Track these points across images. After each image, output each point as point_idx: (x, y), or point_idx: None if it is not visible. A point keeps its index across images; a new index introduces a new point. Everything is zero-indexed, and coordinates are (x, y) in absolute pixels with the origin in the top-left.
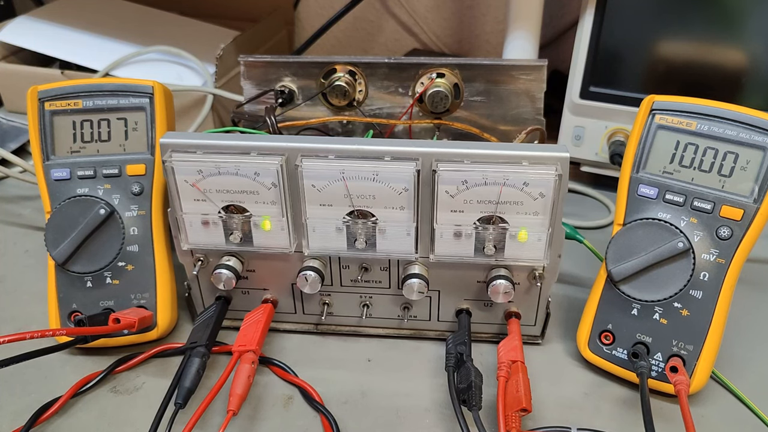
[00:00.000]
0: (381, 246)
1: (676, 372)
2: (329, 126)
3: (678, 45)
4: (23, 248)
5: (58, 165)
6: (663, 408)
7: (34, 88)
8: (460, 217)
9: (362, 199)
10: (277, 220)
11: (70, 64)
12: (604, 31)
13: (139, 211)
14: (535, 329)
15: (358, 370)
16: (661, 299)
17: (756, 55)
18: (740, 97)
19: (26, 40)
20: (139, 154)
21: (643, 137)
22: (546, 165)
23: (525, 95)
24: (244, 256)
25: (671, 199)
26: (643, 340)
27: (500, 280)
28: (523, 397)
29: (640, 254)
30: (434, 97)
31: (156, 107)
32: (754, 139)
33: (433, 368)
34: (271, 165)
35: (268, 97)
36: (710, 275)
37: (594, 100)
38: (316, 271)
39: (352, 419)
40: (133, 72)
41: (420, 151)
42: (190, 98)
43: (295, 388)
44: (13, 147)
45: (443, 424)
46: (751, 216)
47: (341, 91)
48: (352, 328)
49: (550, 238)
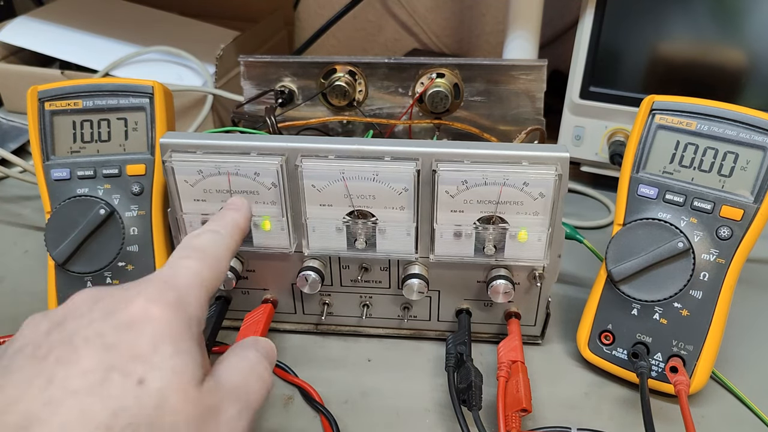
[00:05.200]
0: (381, 246)
1: (676, 372)
2: (329, 126)
3: (678, 45)
4: (23, 248)
5: (58, 165)
6: (663, 408)
7: (34, 88)
8: (460, 217)
9: (362, 199)
10: (277, 220)
11: (70, 64)
12: (604, 31)
13: (139, 211)
14: (535, 329)
15: (358, 370)
16: (661, 299)
17: (756, 55)
18: (740, 97)
19: (26, 40)
20: (139, 154)
21: (643, 137)
22: (546, 165)
23: (525, 95)
24: (244, 256)
25: (671, 199)
26: (643, 340)
27: (500, 280)
28: (523, 398)
29: (640, 254)
30: (434, 97)
31: (156, 107)
32: (754, 139)
33: (433, 368)
34: (271, 165)
35: (268, 97)
36: (710, 275)
37: (594, 100)
38: (316, 271)
39: (352, 419)
40: (133, 72)
41: (420, 151)
42: (190, 98)
43: (295, 388)
44: (13, 147)
45: (443, 424)
46: (751, 216)
47: (341, 91)
48: (352, 328)
49: (550, 238)
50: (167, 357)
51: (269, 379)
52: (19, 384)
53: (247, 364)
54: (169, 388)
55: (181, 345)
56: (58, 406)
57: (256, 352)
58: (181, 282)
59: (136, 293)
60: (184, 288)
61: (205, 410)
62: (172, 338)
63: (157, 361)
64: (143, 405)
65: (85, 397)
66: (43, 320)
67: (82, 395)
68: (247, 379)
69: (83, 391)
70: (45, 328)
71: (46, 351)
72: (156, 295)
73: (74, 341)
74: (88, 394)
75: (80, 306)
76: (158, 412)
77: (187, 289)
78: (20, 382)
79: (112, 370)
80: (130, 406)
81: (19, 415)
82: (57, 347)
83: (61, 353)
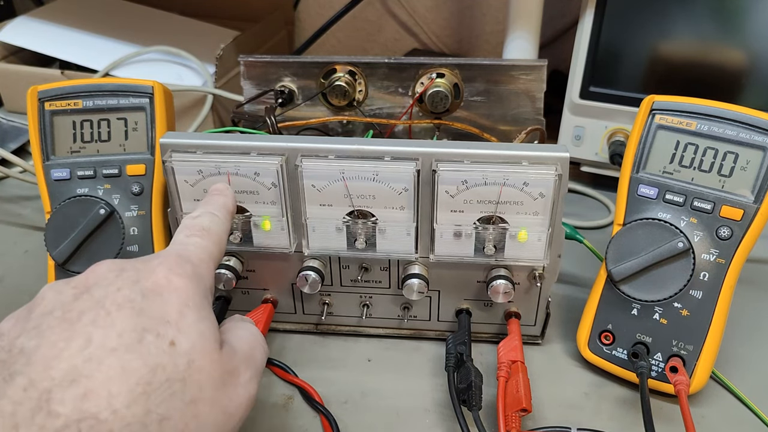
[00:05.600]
0: (381, 246)
1: (676, 372)
2: (329, 126)
3: (678, 45)
4: (23, 248)
5: (58, 165)
6: (663, 408)
7: (34, 88)
8: (460, 217)
9: (362, 199)
10: (277, 220)
11: (70, 64)
12: (604, 31)
13: (139, 211)
14: (535, 329)
15: (358, 370)
16: (661, 299)
17: (756, 55)
18: (740, 97)
19: (26, 40)
20: (139, 154)
21: (643, 137)
22: (546, 165)
23: (525, 95)
24: (244, 256)
25: (671, 199)
26: (643, 340)
27: (500, 280)
28: (523, 397)
29: (640, 254)
30: (434, 97)
31: (156, 107)
32: (754, 139)
33: (433, 368)
34: (271, 165)
35: (268, 97)
36: (710, 275)
37: (594, 100)
38: (316, 271)
39: (352, 419)
40: (133, 72)
41: (420, 151)
42: (190, 98)
43: (295, 388)
44: (13, 147)
45: (443, 424)
46: (751, 216)
47: (341, 91)
48: (352, 328)
49: (550, 238)
50: (192, 322)
51: (267, 349)
52: (56, 342)
53: (250, 333)
54: (196, 350)
55: (202, 312)
56: (99, 363)
57: (250, 323)
58: (194, 256)
59: (157, 264)
60: (197, 261)
61: (226, 372)
62: (195, 306)
63: (185, 325)
64: (177, 363)
65: (125, 354)
66: (65, 287)
67: (121, 352)
68: (253, 346)
69: (122, 349)
70: (71, 294)
71: (78, 314)
72: (176, 266)
73: (106, 305)
74: (127, 351)
75: (105, 274)
76: (189, 371)
77: (199, 262)
78: (57, 340)
79: (146, 331)
80: (166, 363)
81: (63, 370)
82: (89, 311)
83: (95, 316)
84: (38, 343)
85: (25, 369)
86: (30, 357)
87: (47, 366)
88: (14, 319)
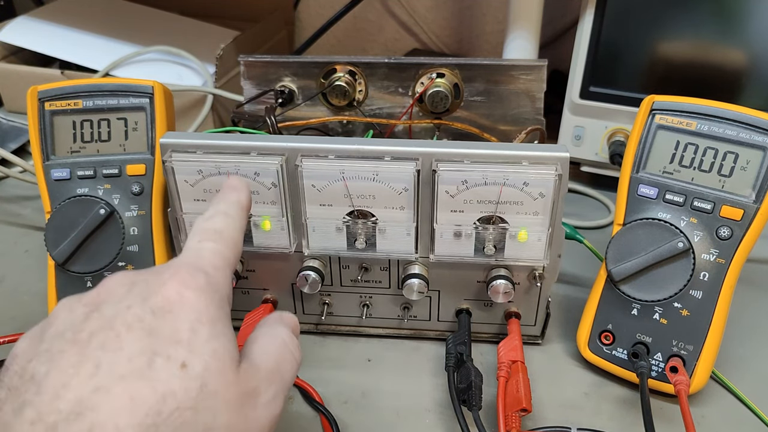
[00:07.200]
0: (381, 246)
1: (676, 372)
2: (329, 126)
3: (678, 45)
4: (23, 248)
5: (58, 165)
6: (663, 408)
7: (34, 88)
8: (460, 217)
9: (362, 199)
10: (277, 220)
11: (70, 64)
12: (604, 31)
13: (139, 211)
14: (535, 329)
15: (358, 370)
16: (661, 299)
17: (756, 55)
18: (740, 97)
19: (26, 40)
20: (139, 154)
21: (643, 137)
22: (546, 165)
23: (525, 95)
24: (244, 256)
25: (671, 199)
26: (643, 340)
27: (500, 280)
28: (523, 397)
29: (640, 254)
30: (434, 97)
31: (156, 107)
32: (754, 139)
33: (433, 368)
34: (271, 165)
35: (268, 97)
36: (710, 275)
37: (594, 100)
38: (316, 271)
39: (352, 419)
40: (133, 72)
41: (420, 151)
42: (190, 98)
43: (295, 388)
44: (13, 147)
45: (443, 424)
46: (751, 216)
47: (341, 91)
48: (352, 328)
49: (550, 238)
50: (205, 340)
51: (299, 356)
52: (65, 369)
53: (280, 344)
54: (209, 372)
55: (217, 327)
56: (107, 392)
57: (284, 328)
58: (208, 264)
59: (168, 277)
60: (211, 269)
61: (244, 394)
62: (208, 321)
63: (197, 345)
64: (188, 389)
65: (134, 382)
66: (77, 304)
67: (130, 380)
68: (280, 360)
69: (131, 376)
70: (81, 313)
71: (88, 336)
72: (188, 279)
73: (115, 326)
74: (136, 379)
75: (115, 290)
76: (201, 396)
77: (214, 271)
78: (66, 367)
79: (156, 354)
80: (177, 389)
81: (70, 402)
82: (99, 332)
83: (104, 339)
84: (48, 369)
85: (34, 399)
86: (40, 385)
87: (56, 395)
88: (29, 339)
